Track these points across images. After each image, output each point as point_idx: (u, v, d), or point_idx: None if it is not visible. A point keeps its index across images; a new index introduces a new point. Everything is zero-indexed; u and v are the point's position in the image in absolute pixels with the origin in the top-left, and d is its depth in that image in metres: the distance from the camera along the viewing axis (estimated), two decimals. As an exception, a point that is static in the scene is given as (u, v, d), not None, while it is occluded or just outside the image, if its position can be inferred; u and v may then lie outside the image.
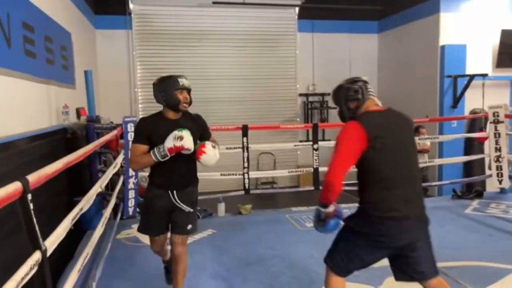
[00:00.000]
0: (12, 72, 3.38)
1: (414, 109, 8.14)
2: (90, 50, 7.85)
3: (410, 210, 2.12)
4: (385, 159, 2.09)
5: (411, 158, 2.20)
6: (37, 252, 1.45)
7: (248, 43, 9.08)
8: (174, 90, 2.65)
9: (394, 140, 2.12)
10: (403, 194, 2.11)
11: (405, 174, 2.14)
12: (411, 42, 8.53)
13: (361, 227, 2.17)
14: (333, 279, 2.28)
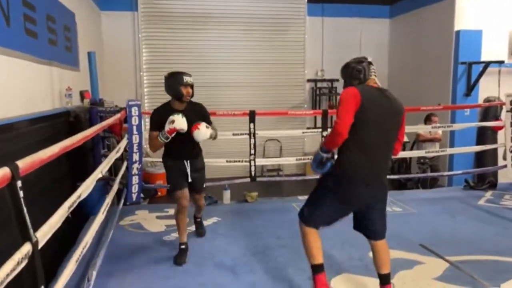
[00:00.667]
0: (11, 52, 3.24)
1: (425, 96, 7.94)
2: (95, 32, 7.68)
3: (375, 176, 2.48)
4: (366, 127, 2.40)
5: (389, 136, 2.51)
6: (26, 244, 1.33)
7: (256, 26, 8.85)
8: (179, 85, 3.31)
9: (378, 114, 2.42)
10: (373, 162, 2.45)
11: (379, 146, 2.46)
12: (424, 27, 8.27)
13: (331, 184, 2.52)
14: (304, 228, 2.63)
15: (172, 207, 4.89)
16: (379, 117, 2.42)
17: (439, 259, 3.36)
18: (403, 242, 3.72)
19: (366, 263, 3.28)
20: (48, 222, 1.61)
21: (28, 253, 1.32)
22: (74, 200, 1.96)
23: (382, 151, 2.49)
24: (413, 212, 4.69)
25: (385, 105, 2.47)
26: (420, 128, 6.25)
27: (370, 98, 2.41)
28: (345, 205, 2.55)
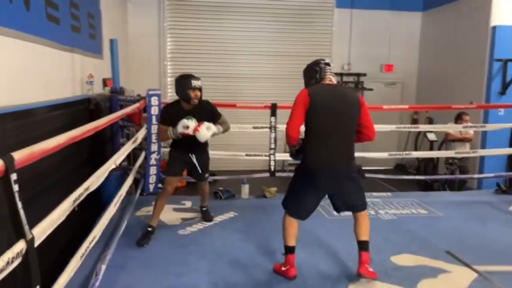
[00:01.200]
0: (31, 37, 3.19)
1: (457, 94, 7.60)
2: (120, 20, 7.66)
3: (334, 163, 2.77)
4: (320, 119, 2.73)
5: (344, 124, 2.78)
6: (20, 242, 1.25)
7: (282, 17, 8.66)
8: (187, 89, 3.52)
9: (331, 106, 2.73)
10: (330, 150, 2.74)
11: (334, 135, 2.75)
12: (459, 22, 7.89)
13: (300, 172, 2.88)
14: (286, 218, 2.99)
15: (189, 199, 4.84)
16: (330, 110, 2.74)
17: (466, 268, 3.16)
18: (427, 247, 3.53)
19: (386, 268, 3.13)
20: (49, 217, 1.52)
21: (22, 252, 1.23)
22: (81, 192, 1.87)
23: (339, 139, 2.78)
24: (439, 215, 4.47)
25: (337, 99, 2.78)
26: (450, 127, 5.97)
27: (320, 95, 2.76)
28: (315, 191, 2.86)
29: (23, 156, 1.34)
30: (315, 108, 2.72)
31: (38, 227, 1.41)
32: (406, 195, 5.25)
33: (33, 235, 1.33)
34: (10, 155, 1.26)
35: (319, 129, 2.76)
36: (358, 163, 2.97)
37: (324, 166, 2.76)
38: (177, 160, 3.75)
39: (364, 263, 2.88)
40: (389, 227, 4.05)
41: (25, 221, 1.28)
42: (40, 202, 2.35)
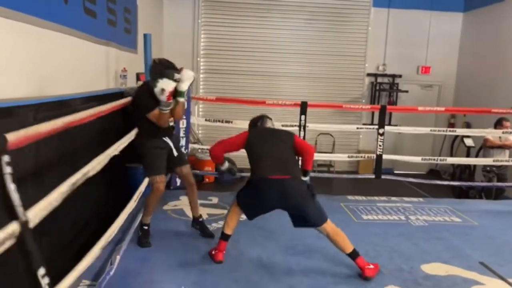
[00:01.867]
0: (68, 30, 3.27)
1: (497, 98, 7.27)
2: (156, 16, 7.77)
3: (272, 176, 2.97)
4: (256, 148, 3.15)
5: (277, 148, 3.12)
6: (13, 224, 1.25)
7: (318, 16, 8.55)
8: None
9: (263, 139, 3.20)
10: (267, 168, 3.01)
11: (269, 157, 3.07)
12: (502, 24, 7.55)
13: (247, 186, 3.13)
14: (234, 206, 3.20)
15: (216, 195, 4.84)
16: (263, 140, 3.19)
17: (501, 281, 3.00)
18: (460, 257, 3.38)
19: (416, 277, 3.01)
20: (45, 199, 1.52)
21: (15, 233, 1.24)
22: (79, 177, 1.88)
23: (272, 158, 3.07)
24: (474, 224, 4.28)
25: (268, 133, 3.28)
26: (489, 132, 5.71)
27: (256, 132, 3.32)
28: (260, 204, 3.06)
29: (16, 138, 1.33)
30: (254, 141, 3.19)
31: (32, 209, 1.41)
32: (439, 202, 5.06)
33: (26, 217, 1.33)
34: (3, 135, 1.26)
35: (258, 154, 3.13)
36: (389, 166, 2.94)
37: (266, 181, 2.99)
38: (155, 151, 3.38)
39: (364, 267, 2.95)
40: (420, 234, 3.90)
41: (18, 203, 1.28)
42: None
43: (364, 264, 2.95)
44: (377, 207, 4.64)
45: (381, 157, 5.18)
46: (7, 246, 1.22)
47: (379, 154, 5.16)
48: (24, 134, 1.39)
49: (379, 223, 4.16)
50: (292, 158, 3.18)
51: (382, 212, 4.48)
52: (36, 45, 2.80)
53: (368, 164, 8.18)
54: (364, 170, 8.30)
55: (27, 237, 1.30)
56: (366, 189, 5.49)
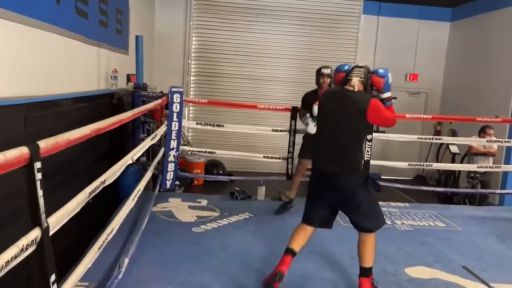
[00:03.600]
0: (60, 30, 3.27)
1: (482, 107, 7.43)
2: (148, 17, 7.78)
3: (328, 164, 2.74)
4: (321, 121, 2.89)
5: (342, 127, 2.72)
6: (35, 230, 1.27)
7: (308, 22, 8.64)
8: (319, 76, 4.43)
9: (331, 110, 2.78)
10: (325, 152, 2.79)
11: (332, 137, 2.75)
12: (488, 34, 7.72)
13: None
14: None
15: (205, 198, 4.86)
16: (329, 113, 2.80)
17: (482, 285, 3.07)
18: (443, 261, 3.45)
19: (400, 280, 3.07)
20: (64, 207, 1.55)
21: (37, 239, 1.26)
22: (97, 185, 1.90)
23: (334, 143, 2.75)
24: (458, 230, 4.37)
25: (339, 103, 2.76)
26: (473, 140, 5.83)
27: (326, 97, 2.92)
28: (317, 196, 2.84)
29: (48, 145, 1.36)
30: (319, 110, 2.91)
31: (53, 216, 1.43)
32: (424, 207, 5.15)
33: (48, 224, 1.35)
34: (36, 143, 1.29)
35: (320, 131, 2.90)
36: (377, 171, 2.92)
37: (320, 168, 2.80)
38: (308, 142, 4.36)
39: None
40: (405, 238, 3.97)
41: (43, 210, 1.30)
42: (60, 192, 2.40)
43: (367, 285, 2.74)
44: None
45: (368, 162, 5.24)
46: (29, 252, 1.23)
47: (367, 159, 5.23)
48: (55, 141, 1.42)
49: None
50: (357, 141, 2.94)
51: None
52: (27, 45, 2.80)
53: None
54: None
55: (46, 243, 1.31)
56: (354, 194, 5.55)
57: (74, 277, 1.70)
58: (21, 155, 1.22)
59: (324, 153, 2.79)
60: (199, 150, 5.49)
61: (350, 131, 2.73)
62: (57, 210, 1.54)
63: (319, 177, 2.81)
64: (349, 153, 2.71)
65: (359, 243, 2.76)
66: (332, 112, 2.76)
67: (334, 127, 2.75)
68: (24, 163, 1.24)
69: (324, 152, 2.79)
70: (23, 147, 1.26)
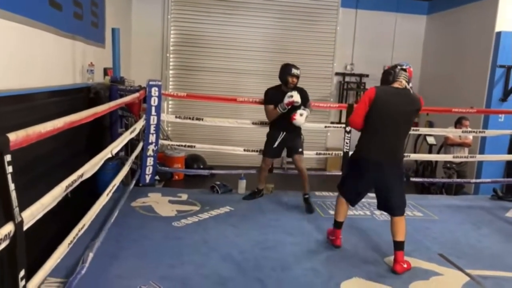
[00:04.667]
0: (32, 22, 3.18)
1: (458, 98, 7.58)
2: (124, 10, 7.63)
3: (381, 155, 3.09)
4: (378, 115, 3.07)
5: (397, 124, 3.10)
6: (9, 224, 1.23)
7: (286, 15, 8.63)
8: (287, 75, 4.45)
9: (390, 106, 3.05)
10: (380, 143, 3.10)
11: (387, 131, 3.09)
12: (463, 26, 7.87)
13: (352, 159, 3.33)
14: (339, 197, 3.46)
15: (186, 192, 4.83)
16: (388, 109, 3.05)
17: (458, 271, 3.15)
18: (420, 250, 3.53)
19: (379, 269, 3.12)
20: (39, 201, 1.51)
21: (10, 234, 1.22)
22: (74, 179, 1.86)
23: (389, 135, 3.10)
24: (435, 218, 4.46)
25: (399, 99, 3.07)
26: (449, 131, 5.96)
27: (385, 92, 3.11)
28: (362, 178, 3.22)
29: (18, 138, 1.32)
30: (378, 106, 3.06)
31: (27, 210, 1.40)
32: (402, 197, 5.24)
33: (22, 218, 1.31)
34: (6, 136, 1.25)
35: (377, 125, 3.10)
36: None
37: (375, 157, 3.09)
38: (272, 139, 4.51)
39: (398, 262, 3.09)
40: (383, 228, 4.01)
41: (16, 204, 1.26)
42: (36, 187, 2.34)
43: (400, 260, 3.10)
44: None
45: (347, 154, 5.30)
46: (1, 247, 1.20)
47: (345, 151, 5.29)
48: (26, 134, 1.37)
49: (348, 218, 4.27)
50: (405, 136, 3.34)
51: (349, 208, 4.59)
52: (-2, 37, 2.72)
53: (336, 161, 8.35)
54: (332, 167, 8.48)
55: (19, 238, 1.27)
56: (334, 186, 5.57)
57: (42, 273, 1.67)
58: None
59: (384, 145, 3.10)
60: (179, 144, 5.44)
61: (405, 127, 3.19)
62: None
63: (372, 167, 3.13)
64: (401, 146, 3.20)
65: (395, 224, 3.17)
66: (393, 109, 3.05)
67: (392, 122, 3.08)
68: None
69: (384, 144, 3.10)
70: (-8, 139, 1.22)
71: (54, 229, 3.07)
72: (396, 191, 3.14)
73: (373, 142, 3.12)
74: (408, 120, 3.17)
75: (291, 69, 4.36)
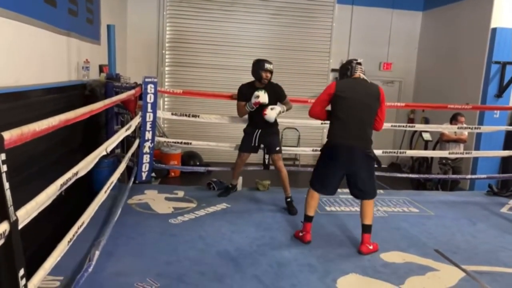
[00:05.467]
0: (25, 18, 3.15)
1: (453, 94, 7.62)
2: (120, 7, 7.60)
3: (350, 141, 3.27)
4: (342, 106, 3.28)
5: (363, 110, 3.29)
6: (4, 223, 1.22)
7: (283, 11, 8.63)
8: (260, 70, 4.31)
9: (351, 96, 3.26)
10: (348, 131, 3.28)
11: (354, 119, 3.26)
12: (458, 23, 7.90)
13: (324, 150, 3.44)
14: (309, 190, 3.49)
15: (182, 189, 4.83)
16: (351, 99, 3.26)
17: (454, 267, 3.17)
18: (417, 245, 3.55)
19: (375, 264, 3.14)
20: (34, 200, 1.50)
21: (5, 233, 1.22)
22: (69, 177, 1.85)
23: (356, 123, 3.27)
24: (431, 214, 4.48)
25: (360, 88, 3.31)
26: (445, 127, 5.98)
27: (345, 85, 3.35)
28: (335, 165, 3.33)
29: (13, 136, 1.31)
30: (341, 97, 3.26)
31: (22, 209, 1.39)
32: (398, 194, 5.27)
33: (17, 217, 1.31)
34: (0, 134, 1.24)
35: (343, 115, 3.26)
36: None
37: (343, 142, 3.26)
38: (248, 136, 4.40)
39: (365, 243, 3.33)
40: (380, 224, 4.04)
41: (11, 202, 1.26)
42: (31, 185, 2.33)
43: (367, 242, 3.34)
44: (340, 199, 4.77)
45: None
46: None
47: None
48: (20, 132, 1.36)
49: (342, 214, 4.29)
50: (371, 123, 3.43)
51: (345, 204, 4.61)
52: (-8, 34, 2.70)
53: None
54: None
55: (14, 237, 1.27)
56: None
57: (42, 272, 1.66)
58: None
59: (350, 131, 3.27)
60: (175, 141, 5.43)
61: (368, 114, 3.32)
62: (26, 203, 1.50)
63: (342, 151, 3.27)
64: (367, 132, 3.33)
65: (365, 209, 3.39)
66: (355, 97, 3.25)
67: (355, 111, 3.26)
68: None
69: (350, 131, 3.27)
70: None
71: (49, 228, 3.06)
72: (367, 175, 3.33)
73: (342, 130, 3.28)
74: (369, 107, 3.30)
75: (264, 64, 4.22)
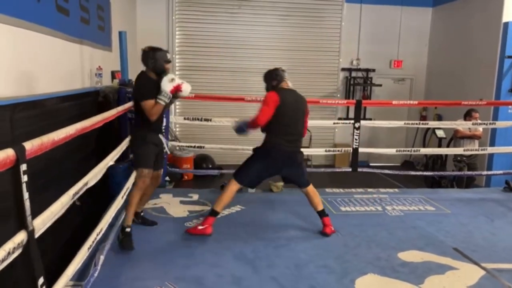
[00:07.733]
0: (41, 28, 3.20)
1: (467, 90, 7.53)
2: (130, 13, 7.67)
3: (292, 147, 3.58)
4: (284, 114, 3.47)
5: (299, 119, 3.61)
6: (21, 233, 1.24)
7: (292, 12, 8.62)
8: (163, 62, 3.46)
9: (291, 105, 3.52)
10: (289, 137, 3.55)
11: (294, 126, 3.57)
12: (469, 18, 7.80)
13: (262, 152, 3.61)
14: (235, 187, 3.59)
15: (196, 192, 4.85)
16: (292, 109, 3.52)
17: (474, 265, 3.13)
18: (434, 244, 3.51)
19: (393, 264, 3.11)
20: (49, 209, 1.52)
21: (23, 243, 1.23)
22: (80, 187, 1.87)
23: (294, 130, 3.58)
24: (447, 212, 4.44)
25: (295, 99, 3.60)
26: (459, 124, 5.91)
27: (285, 96, 3.51)
28: (272, 168, 3.59)
29: (34, 146, 1.33)
30: (281, 106, 3.44)
31: (38, 218, 1.41)
32: (413, 192, 5.22)
33: (33, 227, 1.33)
34: (22, 145, 1.26)
35: (285, 123, 3.49)
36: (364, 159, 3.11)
37: (286, 149, 3.53)
38: (150, 146, 3.40)
39: (328, 225, 3.67)
40: (396, 223, 4.03)
41: (29, 212, 1.28)
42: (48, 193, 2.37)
43: (328, 223, 3.68)
44: (354, 199, 4.75)
45: (357, 150, 5.29)
46: (15, 255, 1.21)
47: (355, 147, 5.27)
48: (40, 142, 1.39)
49: (357, 214, 4.27)
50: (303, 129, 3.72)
51: (360, 204, 4.59)
52: (8, 44, 2.74)
53: (344, 157, 8.34)
54: (340, 163, 8.45)
55: (32, 246, 1.29)
56: (343, 182, 5.60)
57: (64, 279, 1.68)
58: (7, 157, 1.19)
59: (292, 137, 3.56)
60: (188, 145, 5.46)
61: (302, 120, 3.66)
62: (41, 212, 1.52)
63: (283, 155, 3.55)
64: (301, 135, 3.67)
65: (311, 197, 3.74)
66: (294, 106, 3.54)
67: (295, 119, 3.55)
68: (10, 165, 1.21)
69: (292, 136, 3.57)
70: (9, 149, 1.23)
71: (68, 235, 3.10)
72: (303, 171, 3.74)
73: (285, 137, 3.51)
74: (303, 114, 3.64)
75: (166, 54, 3.48)
